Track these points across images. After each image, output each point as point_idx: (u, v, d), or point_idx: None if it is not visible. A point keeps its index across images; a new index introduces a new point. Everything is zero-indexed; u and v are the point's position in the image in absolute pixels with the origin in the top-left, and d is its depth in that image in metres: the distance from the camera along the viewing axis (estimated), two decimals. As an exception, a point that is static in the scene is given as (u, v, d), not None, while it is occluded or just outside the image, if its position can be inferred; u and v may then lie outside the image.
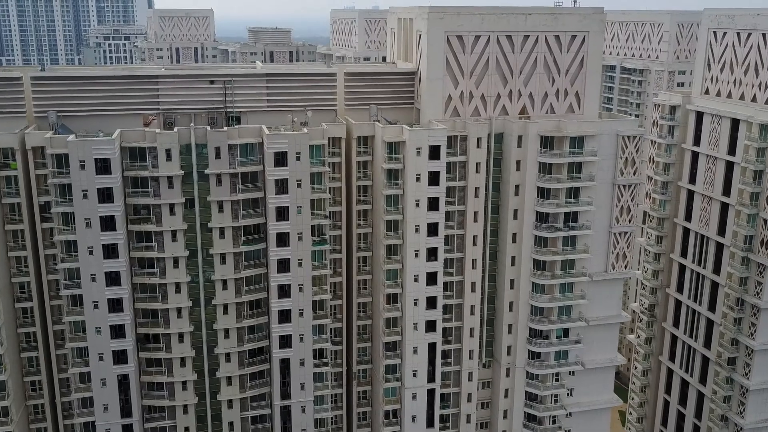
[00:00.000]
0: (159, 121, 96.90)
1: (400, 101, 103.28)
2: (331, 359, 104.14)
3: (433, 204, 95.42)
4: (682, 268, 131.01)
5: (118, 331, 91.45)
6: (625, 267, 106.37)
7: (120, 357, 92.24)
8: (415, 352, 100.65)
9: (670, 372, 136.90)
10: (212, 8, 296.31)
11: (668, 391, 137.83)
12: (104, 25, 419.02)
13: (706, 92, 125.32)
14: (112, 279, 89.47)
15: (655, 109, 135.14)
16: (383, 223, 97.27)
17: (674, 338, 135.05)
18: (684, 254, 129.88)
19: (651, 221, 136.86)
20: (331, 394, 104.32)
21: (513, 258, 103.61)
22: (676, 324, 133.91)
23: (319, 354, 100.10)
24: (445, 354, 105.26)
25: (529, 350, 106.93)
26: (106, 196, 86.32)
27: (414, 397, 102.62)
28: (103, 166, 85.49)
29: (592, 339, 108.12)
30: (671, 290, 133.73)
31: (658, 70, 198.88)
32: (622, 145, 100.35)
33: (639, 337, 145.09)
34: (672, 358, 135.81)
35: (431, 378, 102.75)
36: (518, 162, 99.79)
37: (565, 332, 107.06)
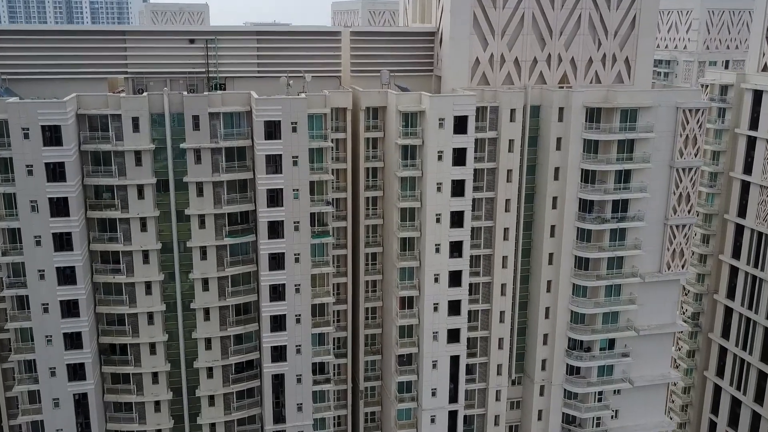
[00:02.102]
0: (127, 87, 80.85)
1: (416, 68, 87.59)
2: (334, 375, 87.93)
3: (458, 188, 79.09)
4: (734, 271, 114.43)
5: (73, 341, 75.16)
6: (683, 266, 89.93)
7: (76, 372, 75.94)
8: (434, 366, 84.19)
9: (717, 389, 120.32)
10: (207, 3, 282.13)
11: (715, 410, 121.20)
12: (97, 24, 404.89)
13: (764, 69, 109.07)
14: (66, 276, 73.24)
15: (702, 91, 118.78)
16: (397, 212, 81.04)
17: (723, 351, 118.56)
18: (736, 255, 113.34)
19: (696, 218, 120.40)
20: (334, 417, 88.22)
21: (551, 255, 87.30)
22: (725, 335, 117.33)
23: (319, 369, 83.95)
24: (469, 369, 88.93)
25: (567, 364, 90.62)
26: (57, 173, 70.25)
27: (433, 421, 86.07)
28: (53, 137, 69.42)
29: (641, 351, 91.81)
30: (720, 296, 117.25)
31: (686, 61, 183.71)
32: (682, 120, 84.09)
33: (680, 349, 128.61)
34: (720, 373, 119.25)
35: (453, 398, 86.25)
36: (558, 139, 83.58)
37: (611, 343, 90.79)
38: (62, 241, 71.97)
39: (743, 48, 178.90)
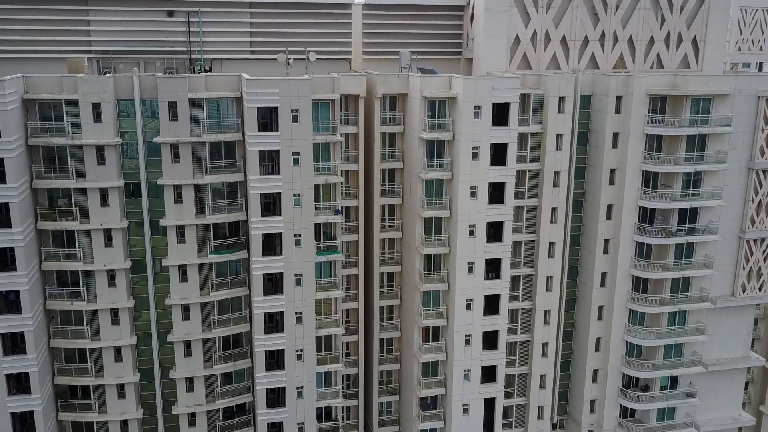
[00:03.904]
0: (91, 70, 66.51)
1: (441, 49, 73.74)
2: (343, 419, 73.06)
3: (497, 193, 64.44)
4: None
5: (20, 383, 60.71)
6: (760, 289, 75.23)
7: (24, 422, 61.27)
8: (465, 411, 69.21)
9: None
10: None
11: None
12: None
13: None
14: (9, 303, 58.87)
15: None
16: (420, 223, 66.47)
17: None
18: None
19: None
20: (343, 471, 73.06)
21: (603, 275, 72.45)
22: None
23: (325, 415, 69.39)
24: (504, 412, 73.91)
25: (621, 406, 75.73)
26: (-5, 173, 55.80)
27: (462, 477, 71.14)
28: (-11, 127, 54.96)
29: (708, 390, 77.14)
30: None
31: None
32: (765, 111, 69.70)
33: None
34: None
35: (488, 449, 71.36)
36: (615, 135, 68.91)
37: (673, 381, 75.79)
38: (3, 259, 57.48)
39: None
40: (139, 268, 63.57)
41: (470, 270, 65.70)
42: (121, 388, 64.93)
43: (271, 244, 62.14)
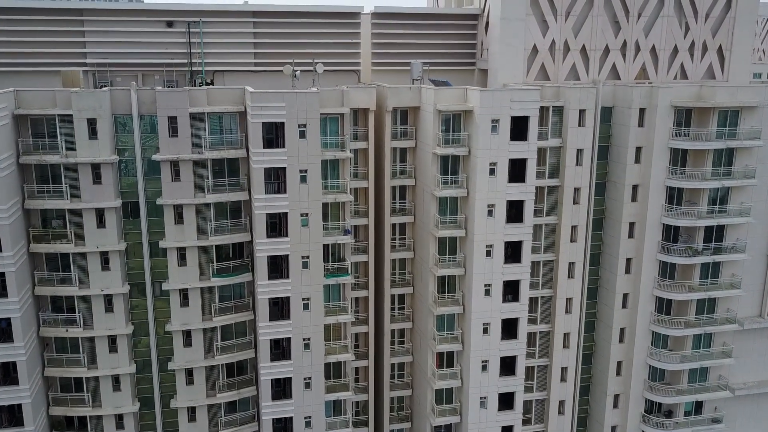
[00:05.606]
0: (87, 83, 63.21)
1: (453, 60, 70.37)
2: (352, 449, 69.22)
3: (515, 212, 61.01)
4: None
5: (13, 415, 57.31)
6: (789, 309, 71.84)
7: (16, 457, 57.70)
8: (481, 441, 65.67)
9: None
10: None
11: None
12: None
13: None
14: (1, 331, 55.71)
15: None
16: (434, 243, 63.08)
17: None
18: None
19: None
20: (352, 503, 69.21)
21: (625, 296, 68.93)
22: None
23: (334, 444, 65.61)
24: (522, 440, 70.40)
25: (643, 432, 72.09)
26: (-16, 193, 52.46)
27: None
28: (-22, 144, 51.68)
29: (735, 415, 73.73)
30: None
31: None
32: (794, 122, 66.41)
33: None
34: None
35: (505, 479, 67.65)
36: (638, 149, 65.45)
37: (698, 406, 72.31)
38: (-5, 284, 54.23)
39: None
40: (138, 292, 60.39)
41: (487, 292, 62.24)
42: (119, 418, 61.77)
43: (278, 267, 58.71)
